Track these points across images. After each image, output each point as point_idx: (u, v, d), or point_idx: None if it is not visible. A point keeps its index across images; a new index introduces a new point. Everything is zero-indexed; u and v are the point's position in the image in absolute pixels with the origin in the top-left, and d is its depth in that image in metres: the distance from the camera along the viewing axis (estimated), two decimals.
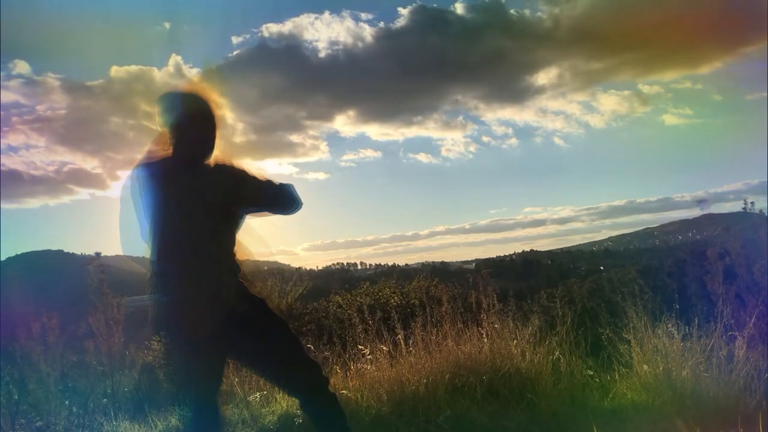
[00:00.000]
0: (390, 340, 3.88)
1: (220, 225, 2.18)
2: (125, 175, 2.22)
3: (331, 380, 3.74)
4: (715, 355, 3.09)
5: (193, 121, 2.16)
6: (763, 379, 2.92)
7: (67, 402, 3.68)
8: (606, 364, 3.64)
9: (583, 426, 2.92)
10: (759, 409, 2.75)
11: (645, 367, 3.30)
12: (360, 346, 3.87)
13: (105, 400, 3.85)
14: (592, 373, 3.63)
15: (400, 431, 3.10)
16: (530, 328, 3.72)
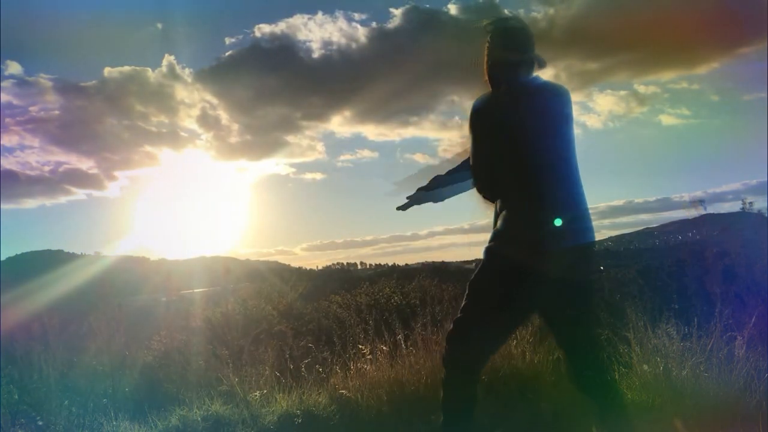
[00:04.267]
0: (390, 340, 3.87)
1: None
2: (122, 175, 2.17)
3: (332, 382, 3.74)
4: (715, 355, 3.09)
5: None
6: (763, 379, 2.92)
7: (67, 402, 3.68)
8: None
9: (583, 426, 2.92)
10: (759, 409, 2.74)
11: (645, 366, 3.30)
12: (360, 346, 3.87)
13: (105, 400, 3.84)
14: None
15: (400, 431, 3.10)
16: (530, 328, 3.72)
